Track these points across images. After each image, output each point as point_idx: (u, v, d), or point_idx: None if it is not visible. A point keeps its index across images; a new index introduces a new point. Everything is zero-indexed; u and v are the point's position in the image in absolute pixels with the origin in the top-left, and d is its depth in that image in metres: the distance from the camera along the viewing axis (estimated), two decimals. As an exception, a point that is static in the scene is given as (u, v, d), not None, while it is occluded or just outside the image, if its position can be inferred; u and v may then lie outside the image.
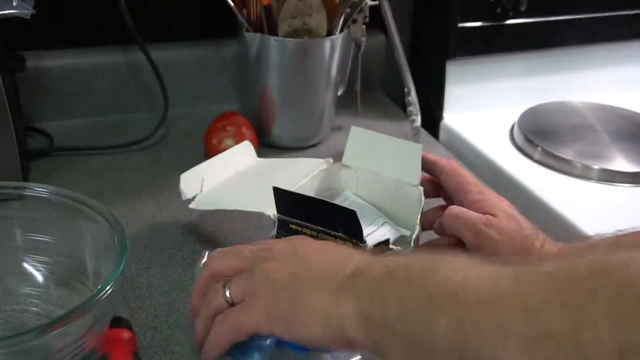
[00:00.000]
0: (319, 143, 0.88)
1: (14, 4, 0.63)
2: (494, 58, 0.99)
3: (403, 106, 0.95)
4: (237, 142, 0.79)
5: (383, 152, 0.62)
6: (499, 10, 0.95)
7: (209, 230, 0.69)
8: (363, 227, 0.53)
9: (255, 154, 0.73)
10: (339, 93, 0.91)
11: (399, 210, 0.61)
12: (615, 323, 0.28)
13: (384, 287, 0.39)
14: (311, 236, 0.55)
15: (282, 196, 0.55)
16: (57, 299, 0.54)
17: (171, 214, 0.71)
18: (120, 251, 0.47)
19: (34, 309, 0.54)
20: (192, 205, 0.64)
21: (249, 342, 0.46)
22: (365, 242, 0.53)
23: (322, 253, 0.45)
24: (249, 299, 0.45)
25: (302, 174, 0.64)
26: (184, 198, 0.64)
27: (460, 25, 0.94)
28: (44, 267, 0.55)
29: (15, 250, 0.55)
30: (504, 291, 0.33)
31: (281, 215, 0.56)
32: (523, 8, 0.94)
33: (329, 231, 0.54)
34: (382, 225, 0.60)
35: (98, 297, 0.43)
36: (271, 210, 0.57)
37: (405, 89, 0.92)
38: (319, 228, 0.54)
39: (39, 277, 0.55)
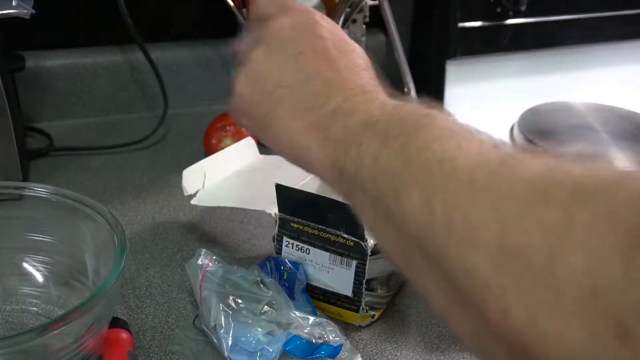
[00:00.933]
0: (319, 143, 0.88)
1: (14, 3, 0.63)
2: (494, 58, 0.99)
3: (403, 106, 0.94)
4: (237, 141, 0.79)
5: None
6: (499, 10, 0.94)
7: (209, 230, 0.69)
8: None
9: (258, 151, 0.73)
10: (339, 93, 0.90)
11: None
12: (589, 258, 0.24)
13: (362, 140, 0.35)
14: (312, 235, 0.55)
15: (284, 193, 0.55)
16: (57, 298, 0.54)
17: (171, 213, 0.71)
18: (120, 251, 0.47)
19: (34, 308, 0.54)
20: (193, 202, 0.64)
21: (255, 353, 0.48)
22: (366, 240, 0.53)
23: (317, 64, 0.41)
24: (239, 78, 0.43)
25: (304, 173, 0.64)
26: (185, 194, 0.64)
27: (460, 25, 0.94)
28: (43, 267, 0.55)
29: (15, 250, 0.55)
30: (480, 184, 0.29)
31: (282, 214, 0.56)
32: (523, 8, 0.94)
33: (331, 230, 0.54)
34: None
35: (97, 297, 0.43)
36: (273, 209, 0.57)
37: (405, 89, 0.91)
38: (320, 227, 0.55)
39: (39, 277, 0.55)
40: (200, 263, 0.54)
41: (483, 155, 0.30)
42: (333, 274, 0.55)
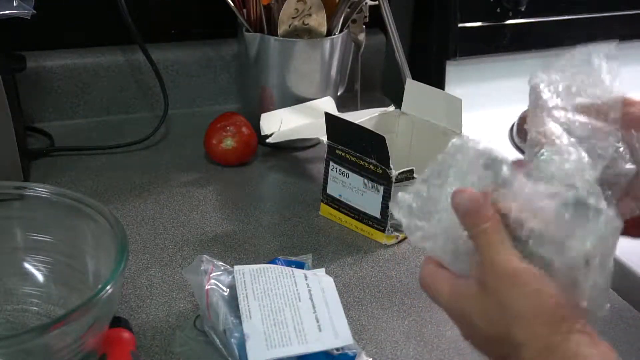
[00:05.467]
0: (319, 143, 0.88)
1: (15, 4, 0.64)
2: (494, 58, 0.99)
3: (403, 106, 0.94)
4: (237, 142, 0.79)
5: (433, 103, 0.74)
6: (499, 10, 0.95)
7: (209, 229, 0.69)
8: None
9: (336, 109, 0.82)
10: (339, 93, 0.91)
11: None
12: None
13: None
14: (351, 161, 0.67)
15: (331, 121, 0.67)
16: (58, 298, 0.54)
17: (171, 213, 0.71)
18: (120, 251, 0.48)
19: (35, 308, 0.54)
20: (268, 140, 0.77)
21: None
22: (391, 168, 0.63)
23: None
24: None
25: (363, 115, 0.75)
26: (262, 134, 0.77)
27: (460, 25, 0.94)
28: (44, 267, 0.55)
29: (15, 250, 0.55)
30: None
31: (330, 141, 0.68)
32: (523, 8, 0.94)
33: (365, 158, 0.65)
34: None
35: (98, 297, 0.43)
36: (324, 138, 0.69)
37: (405, 89, 0.91)
38: (357, 155, 0.66)
39: (40, 276, 0.55)
40: (204, 269, 0.54)
41: None
42: (366, 196, 0.67)
